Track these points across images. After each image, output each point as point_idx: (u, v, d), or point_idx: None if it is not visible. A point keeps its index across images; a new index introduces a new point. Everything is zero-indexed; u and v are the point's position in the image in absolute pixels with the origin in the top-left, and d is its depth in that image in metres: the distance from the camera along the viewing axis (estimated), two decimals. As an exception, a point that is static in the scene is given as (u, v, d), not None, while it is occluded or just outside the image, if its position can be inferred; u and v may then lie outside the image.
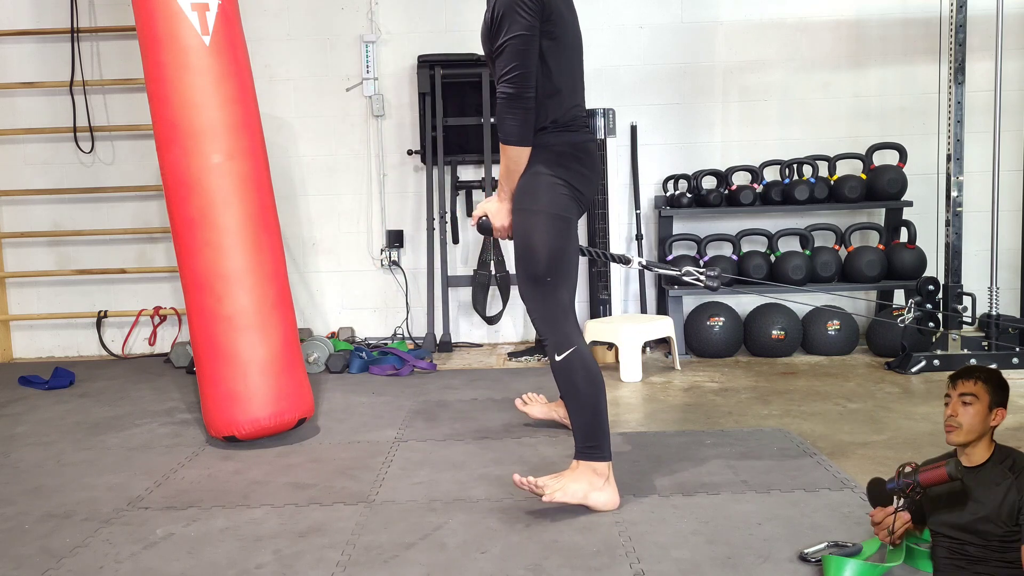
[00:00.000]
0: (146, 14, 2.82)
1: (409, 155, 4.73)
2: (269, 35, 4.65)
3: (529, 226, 2.20)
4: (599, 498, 2.17)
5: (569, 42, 2.24)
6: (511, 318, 4.77)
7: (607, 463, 2.20)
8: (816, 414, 3.11)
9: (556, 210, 2.20)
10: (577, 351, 2.17)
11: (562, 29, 2.20)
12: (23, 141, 4.73)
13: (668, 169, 4.67)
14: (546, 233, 2.18)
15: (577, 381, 2.17)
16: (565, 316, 2.20)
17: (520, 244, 2.23)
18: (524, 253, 2.21)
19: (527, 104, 2.15)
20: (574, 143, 2.26)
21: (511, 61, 2.12)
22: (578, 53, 2.31)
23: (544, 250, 2.17)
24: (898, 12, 4.61)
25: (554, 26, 2.16)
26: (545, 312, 2.20)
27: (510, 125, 2.17)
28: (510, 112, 2.15)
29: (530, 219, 2.20)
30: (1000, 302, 3.97)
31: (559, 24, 2.18)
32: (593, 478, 2.18)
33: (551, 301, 2.19)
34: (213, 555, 1.99)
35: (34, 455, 2.88)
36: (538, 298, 2.21)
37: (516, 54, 2.11)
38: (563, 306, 2.20)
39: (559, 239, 2.19)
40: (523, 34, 2.10)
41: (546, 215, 2.19)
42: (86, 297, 4.82)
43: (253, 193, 2.90)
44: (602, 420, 2.20)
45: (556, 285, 2.19)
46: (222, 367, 2.82)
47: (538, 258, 2.18)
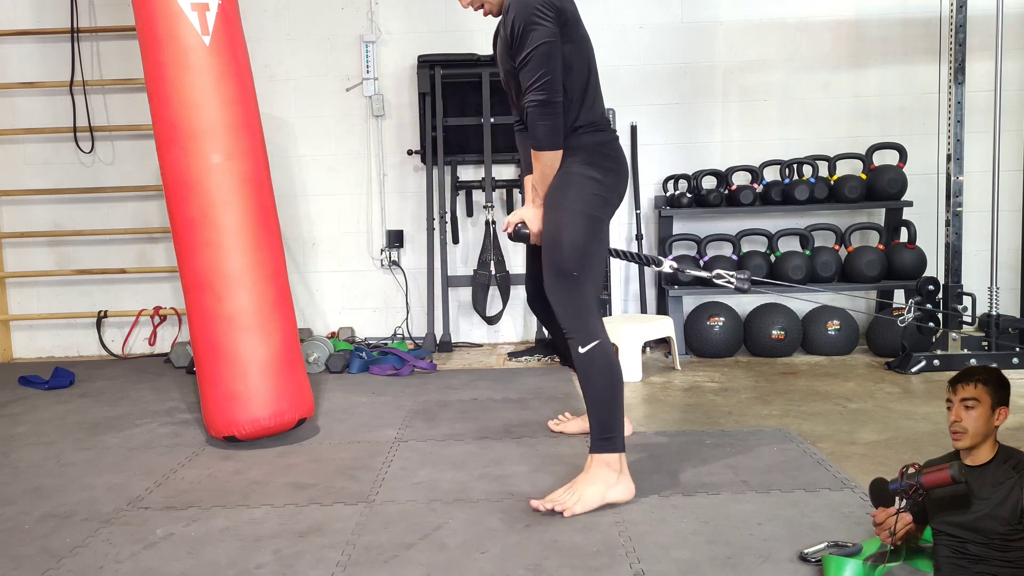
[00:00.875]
0: (146, 14, 2.82)
1: (409, 155, 4.73)
2: (269, 35, 4.65)
3: (559, 223, 2.24)
4: (616, 493, 2.21)
5: (587, 44, 2.30)
6: (511, 318, 4.77)
7: (619, 455, 2.23)
8: (816, 414, 3.11)
9: (586, 208, 2.24)
10: (600, 345, 2.20)
11: (580, 32, 2.27)
12: (23, 141, 4.73)
13: (668, 169, 4.67)
14: (574, 230, 2.21)
15: (597, 374, 2.20)
16: (589, 311, 2.23)
17: (548, 239, 2.26)
18: (551, 248, 2.25)
19: (557, 109, 2.20)
20: (604, 142, 2.33)
21: (538, 69, 2.17)
22: (594, 56, 2.36)
23: (571, 246, 2.21)
24: (898, 12, 4.61)
25: (572, 29, 2.23)
26: (571, 306, 2.23)
27: (543, 131, 2.22)
28: (542, 119, 2.21)
29: (560, 216, 2.24)
30: (1000, 302, 3.97)
31: (576, 27, 2.25)
32: (607, 474, 2.20)
33: (576, 295, 2.22)
34: (213, 555, 1.99)
35: (34, 455, 2.88)
36: (564, 292, 2.23)
37: (542, 61, 2.17)
38: (588, 300, 2.23)
39: (587, 236, 2.22)
40: (547, 41, 2.16)
41: (576, 213, 2.23)
42: (86, 297, 4.82)
43: (253, 193, 2.90)
44: (618, 413, 2.23)
45: (581, 280, 2.22)
46: (222, 367, 2.82)
47: (564, 253, 2.21)
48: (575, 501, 2.16)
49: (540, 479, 2.43)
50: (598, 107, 2.35)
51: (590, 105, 2.31)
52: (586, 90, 2.29)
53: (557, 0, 2.18)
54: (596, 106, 2.34)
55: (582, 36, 2.28)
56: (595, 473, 2.21)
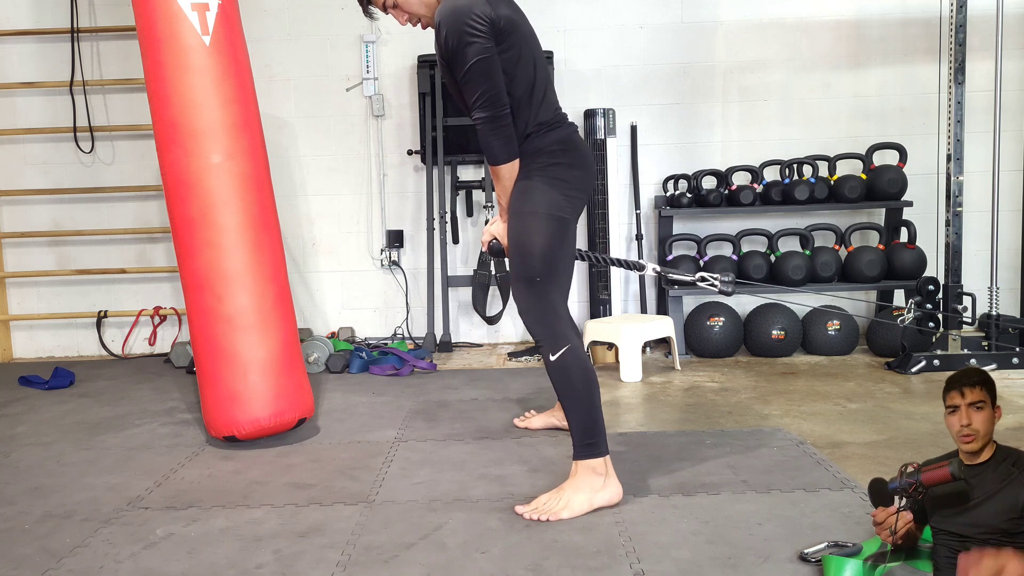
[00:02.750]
0: (146, 14, 2.82)
1: (409, 155, 4.73)
2: (269, 35, 4.66)
3: (522, 227, 2.20)
4: (603, 497, 2.18)
5: (530, 46, 2.23)
6: (511, 318, 4.77)
7: (604, 458, 2.20)
8: (816, 414, 3.11)
9: (549, 210, 2.20)
10: (571, 349, 2.17)
11: (518, 36, 2.19)
12: (23, 141, 4.73)
13: (668, 169, 4.68)
14: (538, 233, 2.18)
15: (573, 379, 2.17)
16: (556, 315, 2.19)
17: (513, 245, 2.23)
18: (516, 253, 2.22)
19: (504, 121, 2.16)
20: (560, 139, 2.27)
21: (478, 86, 2.12)
22: (540, 51, 2.30)
23: (536, 250, 2.18)
24: (898, 12, 4.61)
25: (509, 35, 2.16)
26: (537, 312, 2.20)
27: (495, 147, 2.18)
28: (492, 135, 2.16)
29: (523, 221, 2.20)
30: (1000, 302, 3.97)
31: (514, 32, 2.17)
32: (593, 479, 2.18)
33: (543, 301, 2.19)
34: (213, 555, 1.99)
35: (34, 455, 2.88)
36: (530, 299, 2.21)
37: (480, 78, 2.11)
38: (554, 306, 2.20)
39: (551, 239, 2.19)
40: (481, 57, 2.10)
41: (539, 215, 2.19)
42: (86, 297, 4.82)
43: (253, 193, 2.90)
44: (597, 416, 2.20)
45: (547, 285, 2.19)
46: (222, 367, 2.82)
47: (530, 259, 2.18)
48: (562, 507, 2.14)
49: (540, 479, 2.43)
50: (548, 104, 2.28)
51: (539, 106, 2.24)
52: (532, 92, 2.22)
53: (487, 11, 2.10)
54: (546, 104, 2.27)
55: (523, 38, 2.20)
56: (581, 479, 2.18)
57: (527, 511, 2.15)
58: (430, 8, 2.27)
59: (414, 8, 2.29)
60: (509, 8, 2.21)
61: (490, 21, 2.11)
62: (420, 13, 2.30)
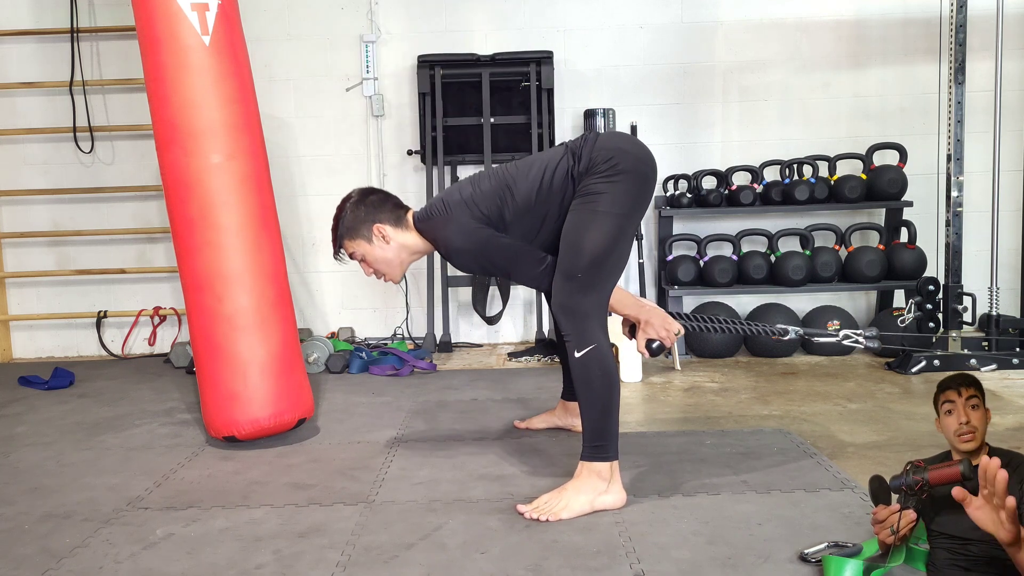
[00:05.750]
0: (146, 14, 2.82)
1: (409, 155, 4.73)
2: (269, 35, 4.65)
3: (581, 221, 2.24)
4: (605, 502, 2.17)
5: (525, 180, 2.32)
6: (511, 318, 4.77)
7: (611, 463, 2.20)
8: (816, 414, 3.11)
9: (611, 208, 2.24)
10: (596, 350, 2.17)
11: (518, 188, 2.31)
12: (23, 141, 4.73)
13: (668, 169, 4.67)
14: (598, 233, 2.21)
15: (592, 379, 2.17)
16: (587, 315, 2.19)
17: (567, 240, 2.25)
18: (567, 245, 2.24)
19: (546, 259, 2.30)
20: (607, 158, 2.34)
21: (504, 265, 2.35)
22: (537, 167, 2.36)
23: (587, 248, 2.20)
24: (898, 12, 4.61)
25: (509, 199, 2.30)
26: (569, 307, 2.21)
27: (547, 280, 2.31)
28: (549, 275, 2.29)
29: (585, 216, 2.24)
30: (1000, 302, 3.97)
31: (513, 193, 2.30)
32: (596, 483, 2.17)
33: (577, 297, 2.20)
34: (213, 555, 1.99)
35: (34, 455, 2.88)
36: (565, 293, 2.21)
37: (501, 256, 2.32)
38: (590, 305, 2.20)
39: (607, 240, 2.22)
40: (487, 242, 2.28)
41: (602, 214, 2.23)
42: (86, 297, 4.82)
43: (253, 193, 2.90)
44: (612, 420, 2.19)
45: (587, 285, 2.20)
46: (222, 367, 2.82)
47: (578, 256, 2.21)
48: (562, 507, 2.13)
49: (540, 480, 2.43)
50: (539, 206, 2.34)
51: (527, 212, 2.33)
52: (541, 181, 2.30)
53: (479, 214, 2.27)
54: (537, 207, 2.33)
55: (525, 191, 2.30)
56: (584, 481, 2.18)
57: (528, 510, 2.15)
58: (391, 265, 2.47)
59: (379, 266, 2.46)
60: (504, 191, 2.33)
61: (485, 218, 2.29)
62: (383, 271, 2.48)
